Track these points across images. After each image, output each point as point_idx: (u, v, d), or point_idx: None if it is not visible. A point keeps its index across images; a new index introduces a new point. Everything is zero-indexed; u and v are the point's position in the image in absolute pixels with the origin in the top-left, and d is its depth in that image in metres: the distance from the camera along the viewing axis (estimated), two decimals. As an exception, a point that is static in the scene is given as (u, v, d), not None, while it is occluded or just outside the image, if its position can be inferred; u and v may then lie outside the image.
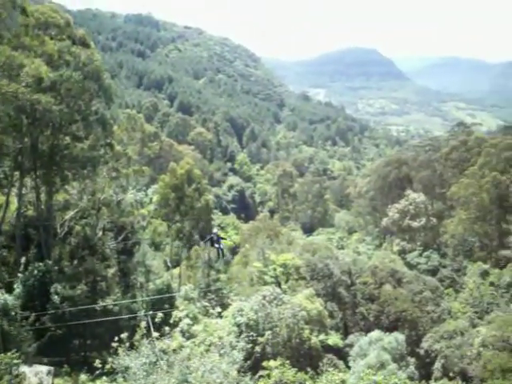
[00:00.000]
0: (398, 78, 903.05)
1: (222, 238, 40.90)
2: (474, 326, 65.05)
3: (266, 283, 59.70)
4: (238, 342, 37.30)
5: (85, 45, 50.14)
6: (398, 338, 58.45)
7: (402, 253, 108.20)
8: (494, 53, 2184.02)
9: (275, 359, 37.23)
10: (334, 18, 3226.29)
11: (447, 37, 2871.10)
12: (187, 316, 48.99)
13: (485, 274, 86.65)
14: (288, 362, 35.64)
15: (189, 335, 44.10)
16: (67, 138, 50.23)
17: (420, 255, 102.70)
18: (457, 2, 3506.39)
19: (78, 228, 55.20)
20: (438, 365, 58.80)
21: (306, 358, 47.83)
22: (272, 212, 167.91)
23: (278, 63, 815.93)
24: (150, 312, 28.62)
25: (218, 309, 41.88)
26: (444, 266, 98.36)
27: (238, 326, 45.04)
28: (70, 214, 56.11)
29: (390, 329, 63.34)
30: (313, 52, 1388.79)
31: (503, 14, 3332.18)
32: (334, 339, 57.74)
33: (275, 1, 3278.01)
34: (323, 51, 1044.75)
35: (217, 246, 37.99)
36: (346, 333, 65.45)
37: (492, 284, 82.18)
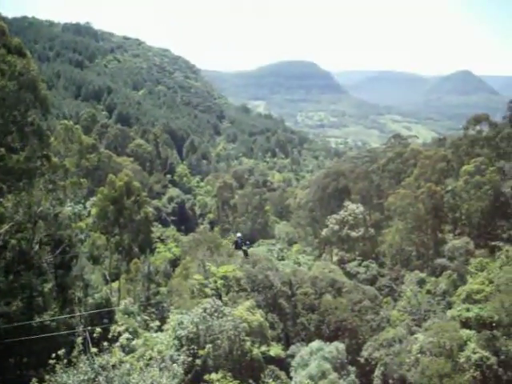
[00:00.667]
0: (336, 91, 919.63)
1: (246, 242, 41.93)
2: (412, 333, 66.41)
3: (206, 295, 59.25)
4: (178, 355, 36.93)
5: (21, 54, 48.86)
6: (338, 347, 59.14)
7: (342, 263, 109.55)
8: (429, 67, 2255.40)
9: (217, 372, 37.07)
10: (271, 31, 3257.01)
11: (383, 51, 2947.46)
12: (127, 330, 48.16)
13: (422, 282, 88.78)
14: (230, 374, 35.57)
15: (129, 350, 43.37)
16: (2, 150, 48.72)
17: (359, 265, 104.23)
18: (392, 17, 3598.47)
19: (13, 242, 53.53)
20: (377, 372, 59.72)
21: (248, 370, 47.70)
22: (212, 224, 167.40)
23: (217, 75, 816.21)
24: (89, 327, 28.02)
25: (157, 322, 41.46)
26: (382, 275, 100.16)
27: (179, 339, 44.52)
28: (5, 227, 54.39)
29: (330, 338, 64.00)
30: (252, 64, 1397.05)
31: (437, 29, 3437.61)
32: (275, 350, 57.82)
33: (215, 13, 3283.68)
34: (262, 64, 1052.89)
35: (244, 247, 39.13)
36: (287, 343, 65.75)
37: (429, 292, 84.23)
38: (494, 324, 58.83)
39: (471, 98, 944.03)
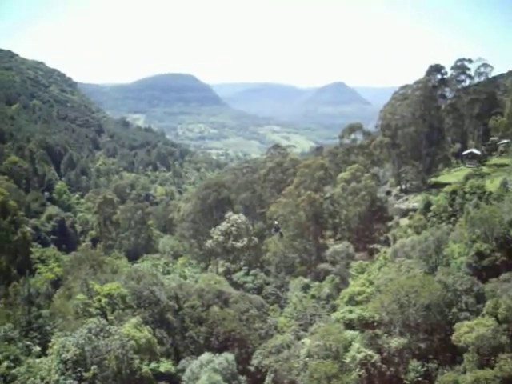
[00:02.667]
0: (215, 103, 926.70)
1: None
2: (300, 338, 67.81)
3: (91, 315, 57.56)
4: (64, 380, 35.59)
5: None
6: (228, 357, 59.30)
7: (228, 273, 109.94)
8: (305, 79, 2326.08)
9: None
10: (149, 44, 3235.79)
11: (261, 64, 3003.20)
12: (7, 358, 45.77)
13: (306, 288, 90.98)
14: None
15: (10, 378, 41.24)
16: None
17: (246, 274, 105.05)
18: (268, 31, 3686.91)
19: None
20: (268, 379, 60.38)
21: (138, 389, 46.86)
22: (95, 241, 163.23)
23: (95, 88, 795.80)
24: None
25: (37, 347, 39.74)
26: (268, 284, 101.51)
27: (64, 362, 42.89)
28: None
29: (220, 349, 64.07)
30: (130, 77, 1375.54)
31: (312, 42, 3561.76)
32: (165, 366, 57.20)
33: (91, 24, 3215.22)
34: (140, 76, 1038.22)
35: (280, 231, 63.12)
36: (177, 358, 65.12)
37: (313, 296, 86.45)
38: (375, 323, 61.41)
39: (346, 108, 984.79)
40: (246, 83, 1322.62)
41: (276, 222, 50.18)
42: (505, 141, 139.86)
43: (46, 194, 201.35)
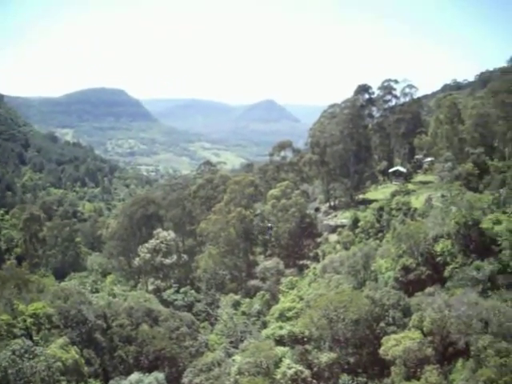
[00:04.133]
0: (146, 119, 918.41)
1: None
2: (230, 355, 67.55)
3: (15, 336, 55.65)
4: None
5: None
6: (157, 377, 58.57)
7: (158, 291, 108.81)
8: (236, 96, 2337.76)
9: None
10: (78, 57, 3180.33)
11: (191, 80, 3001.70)
12: None
13: (237, 305, 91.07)
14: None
15: None
16: None
17: (177, 292, 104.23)
18: (196, 48, 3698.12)
19: None
20: (198, 398, 59.79)
21: (64, 411, 45.52)
22: (20, 259, 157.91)
23: (22, 102, 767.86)
24: None
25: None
26: (198, 301, 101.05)
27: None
28: None
29: (150, 369, 63.22)
30: (59, 91, 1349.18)
31: (242, 60, 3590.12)
32: (93, 387, 55.93)
33: (18, 35, 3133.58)
34: (70, 90, 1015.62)
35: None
36: (105, 379, 63.67)
37: (244, 313, 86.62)
38: (305, 339, 62.01)
39: (276, 126, 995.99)
40: (177, 99, 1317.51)
41: (270, 225, 50.47)
42: (429, 159, 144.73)
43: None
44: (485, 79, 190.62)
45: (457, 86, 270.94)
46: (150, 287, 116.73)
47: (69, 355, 52.37)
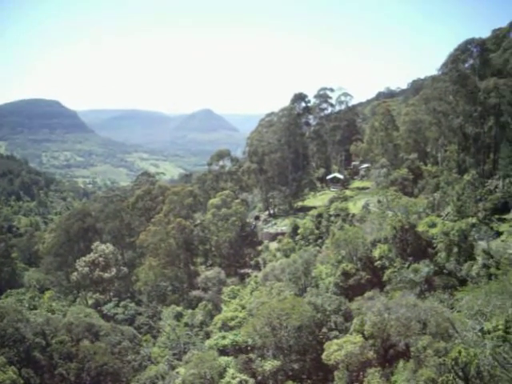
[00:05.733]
0: (82, 131, 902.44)
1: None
2: (174, 367, 67.01)
3: None
4: None
5: None
6: (100, 393, 57.33)
7: (98, 305, 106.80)
8: (172, 106, 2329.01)
9: None
10: (10, 68, 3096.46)
11: (126, 90, 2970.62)
12: None
13: (179, 316, 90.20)
14: None
15: None
16: None
17: (117, 305, 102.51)
18: (133, 57, 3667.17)
19: None
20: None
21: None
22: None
23: None
24: None
25: None
26: (140, 314, 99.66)
27: None
28: None
29: (92, 385, 61.91)
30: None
31: (178, 70, 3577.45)
32: (32, 407, 54.25)
33: None
34: (1, 102, 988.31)
35: None
36: (45, 398, 62.01)
37: (186, 324, 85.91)
38: (249, 347, 61.99)
39: (214, 135, 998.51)
40: (113, 110, 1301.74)
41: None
42: (365, 165, 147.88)
43: None
44: (417, 87, 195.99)
45: (390, 94, 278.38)
46: (90, 301, 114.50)
47: (6, 376, 50.77)
